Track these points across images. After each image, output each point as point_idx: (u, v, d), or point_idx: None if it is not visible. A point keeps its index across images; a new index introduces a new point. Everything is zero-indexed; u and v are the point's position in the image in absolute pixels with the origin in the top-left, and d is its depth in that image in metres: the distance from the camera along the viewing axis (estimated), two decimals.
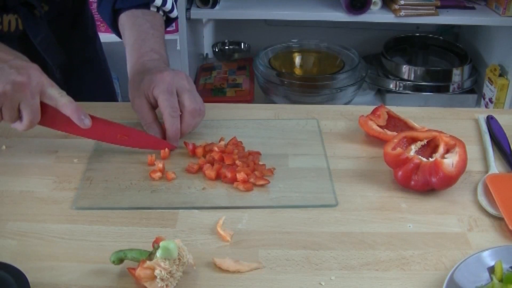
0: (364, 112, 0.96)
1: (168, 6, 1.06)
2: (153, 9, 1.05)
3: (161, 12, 1.07)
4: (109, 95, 1.33)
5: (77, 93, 0.87)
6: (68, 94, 0.85)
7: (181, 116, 0.88)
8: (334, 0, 2.04)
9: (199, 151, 0.88)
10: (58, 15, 1.11)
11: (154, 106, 0.90)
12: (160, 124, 0.90)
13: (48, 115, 0.84)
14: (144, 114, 0.90)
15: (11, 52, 0.84)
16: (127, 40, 1.01)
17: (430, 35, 2.30)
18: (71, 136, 0.93)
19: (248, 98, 2.11)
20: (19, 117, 0.82)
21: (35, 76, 0.80)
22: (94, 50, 1.29)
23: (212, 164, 0.85)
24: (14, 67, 0.80)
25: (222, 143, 0.91)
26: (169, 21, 1.11)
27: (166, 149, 0.88)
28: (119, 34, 1.07)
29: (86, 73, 1.24)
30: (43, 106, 0.83)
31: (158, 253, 0.63)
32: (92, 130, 0.86)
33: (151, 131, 0.90)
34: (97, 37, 1.31)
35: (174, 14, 1.10)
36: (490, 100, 2.03)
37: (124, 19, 1.04)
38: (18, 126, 0.83)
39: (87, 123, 0.84)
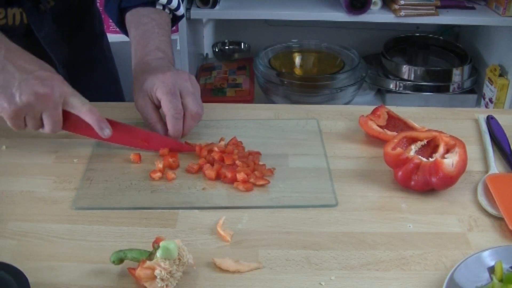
0: (364, 112, 0.96)
1: (174, 4, 1.06)
2: (159, 7, 1.05)
3: (167, 10, 1.07)
4: (116, 94, 1.33)
5: (83, 91, 0.87)
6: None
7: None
8: (334, 0, 2.03)
9: (203, 151, 0.88)
10: (64, 12, 1.11)
11: (157, 106, 0.91)
12: (164, 124, 0.90)
13: (71, 121, 0.86)
14: (147, 114, 0.91)
15: (36, 63, 0.85)
16: (132, 38, 1.02)
17: (430, 35, 2.29)
18: (71, 136, 0.93)
19: (248, 98, 2.11)
20: (42, 125, 0.84)
21: (58, 87, 0.83)
22: (101, 49, 1.29)
23: (212, 164, 0.85)
24: (38, 78, 0.81)
25: (222, 143, 0.91)
26: (175, 19, 1.11)
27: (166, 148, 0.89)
28: (126, 33, 1.08)
29: (92, 71, 1.24)
30: (67, 112, 0.85)
31: (158, 253, 0.63)
32: (113, 137, 0.87)
33: (154, 131, 0.91)
34: (104, 36, 1.31)
35: (180, 12, 1.10)
36: (490, 100, 2.03)
37: (130, 17, 1.04)
38: (42, 131, 0.85)
39: (107, 133, 0.86)
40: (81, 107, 0.84)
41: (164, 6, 1.06)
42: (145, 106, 0.90)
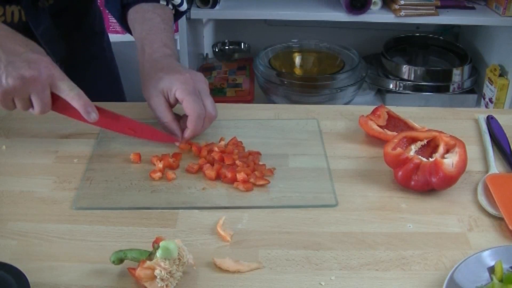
0: (364, 112, 0.96)
1: None
2: (162, 2, 1.05)
3: (170, 6, 1.07)
4: (116, 94, 1.32)
5: (82, 89, 0.87)
6: None
7: None
8: (334, 0, 2.03)
9: (203, 151, 0.88)
10: (63, 9, 1.11)
11: (172, 105, 0.91)
12: (178, 123, 0.90)
13: (60, 104, 0.86)
14: (162, 113, 0.90)
15: (25, 44, 0.85)
16: (137, 35, 1.01)
17: (430, 35, 2.29)
18: (71, 136, 0.93)
19: (248, 98, 2.11)
20: (32, 106, 0.84)
21: (46, 69, 0.82)
22: (101, 47, 1.29)
23: (212, 164, 0.85)
24: (25, 60, 0.81)
25: (222, 143, 0.91)
26: (178, 14, 1.11)
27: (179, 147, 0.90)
28: (128, 29, 1.07)
29: (92, 70, 1.24)
30: (56, 94, 0.84)
31: (158, 253, 0.63)
32: (101, 122, 0.88)
33: (171, 129, 0.90)
34: (104, 35, 1.30)
35: (183, 7, 1.09)
36: (490, 100, 2.03)
37: (134, 13, 1.04)
38: (32, 112, 0.85)
39: (93, 117, 0.86)
40: (69, 92, 0.84)
41: (167, 2, 1.06)
42: (160, 105, 0.90)
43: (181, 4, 1.08)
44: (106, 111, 0.90)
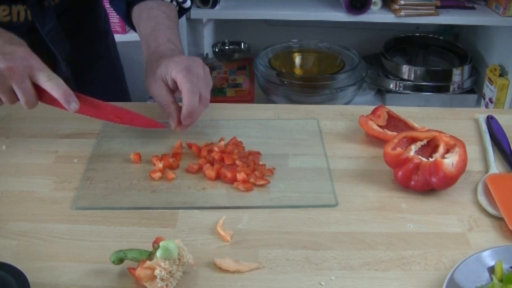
0: (364, 112, 0.96)
1: None
2: None
3: (174, 3, 1.07)
4: (121, 93, 1.33)
5: (87, 89, 0.87)
6: (77, 88, 0.85)
7: None
8: (334, 0, 2.04)
9: (203, 151, 0.88)
10: (68, 9, 1.12)
11: (172, 90, 0.90)
12: (178, 106, 0.89)
13: (48, 95, 0.85)
14: (162, 96, 0.89)
15: (3, 36, 0.84)
16: (143, 32, 1.01)
17: (430, 35, 2.30)
18: (71, 136, 0.93)
19: (248, 98, 2.11)
20: (18, 98, 0.83)
21: (22, 59, 0.81)
22: (106, 47, 1.29)
23: (212, 164, 0.85)
24: (0, 53, 0.80)
25: (222, 143, 0.91)
26: (182, 11, 1.11)
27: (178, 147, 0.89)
28: (133, 27, 1.08)
29: (96, 69, 1.24)
30: (41, 86, 0.84)
31: (158, 253, 0.63)
32: (85, 111, 0.87)
33: (169, 111, 0.89)
34: (109, 34, 1.31)
35: (187, 4, 1.10)
36: (490, 100, 2.03)
37: (139, 11, 1.04)
38: (23, 105, 0.84)
39: (73, 106, 0.85)
40: (47, 81, 0.83)
41: None
42: (159, 88, 0.89)
43: (185, 1, 1.08)
44: (89, 100, 0.88)
